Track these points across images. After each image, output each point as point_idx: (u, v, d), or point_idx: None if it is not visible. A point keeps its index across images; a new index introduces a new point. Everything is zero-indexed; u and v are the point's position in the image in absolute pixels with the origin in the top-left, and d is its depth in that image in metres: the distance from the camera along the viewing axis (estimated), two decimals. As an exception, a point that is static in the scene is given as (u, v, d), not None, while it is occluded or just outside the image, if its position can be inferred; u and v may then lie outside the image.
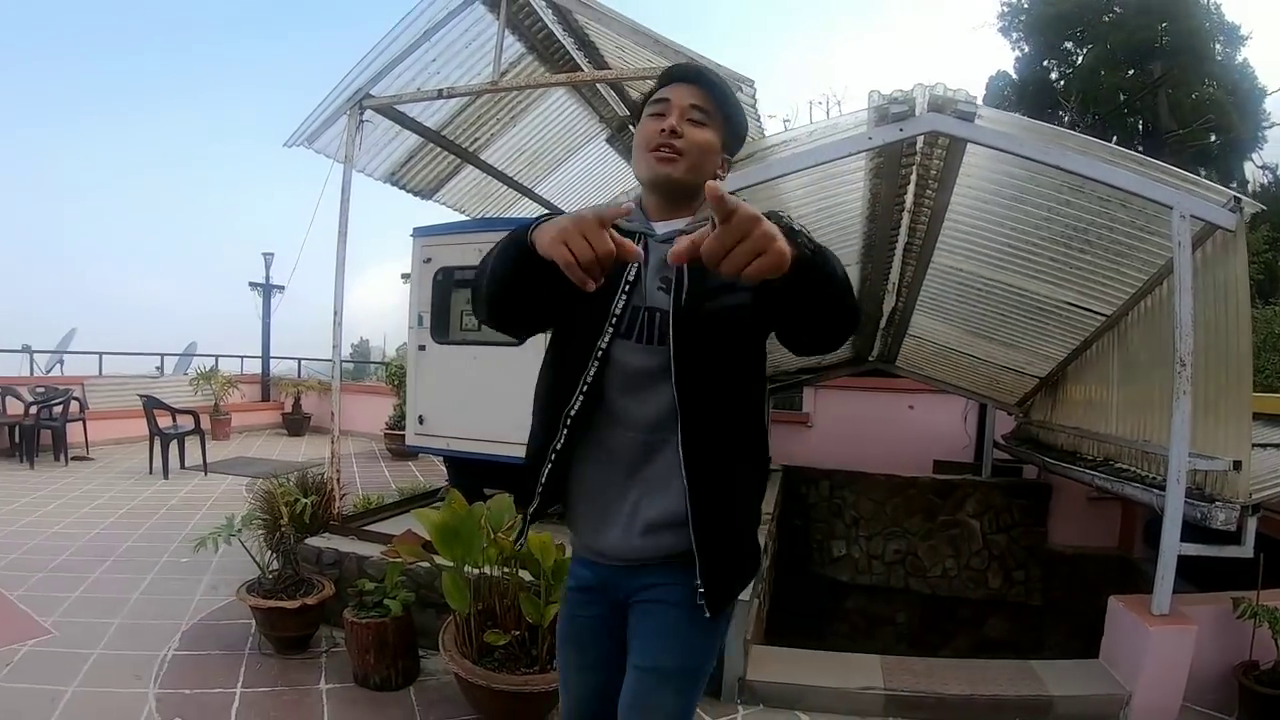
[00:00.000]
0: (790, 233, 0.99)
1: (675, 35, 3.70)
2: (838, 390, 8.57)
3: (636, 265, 1.25)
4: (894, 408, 8.50)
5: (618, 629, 1.34)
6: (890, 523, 7.28)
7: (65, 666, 3.20)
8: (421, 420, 4.50)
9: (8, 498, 6.34)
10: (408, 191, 5.74)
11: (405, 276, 5.80)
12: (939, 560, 7.14)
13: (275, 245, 13.70)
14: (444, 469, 5.40)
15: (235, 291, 12.66)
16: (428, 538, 2.82)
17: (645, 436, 1.26)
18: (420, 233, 4.72)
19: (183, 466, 7.50)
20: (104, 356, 11.41)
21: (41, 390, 8.66)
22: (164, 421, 7.46)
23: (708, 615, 1.22)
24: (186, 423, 7.60)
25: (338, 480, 4.01)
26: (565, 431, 1.28)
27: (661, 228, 1.30)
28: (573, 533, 1.38)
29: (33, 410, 8.02)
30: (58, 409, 8.17)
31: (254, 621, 3.45)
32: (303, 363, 12.65)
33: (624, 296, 1.26)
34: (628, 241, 1.04)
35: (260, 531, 3.40)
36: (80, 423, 8.54)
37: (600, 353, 1.26)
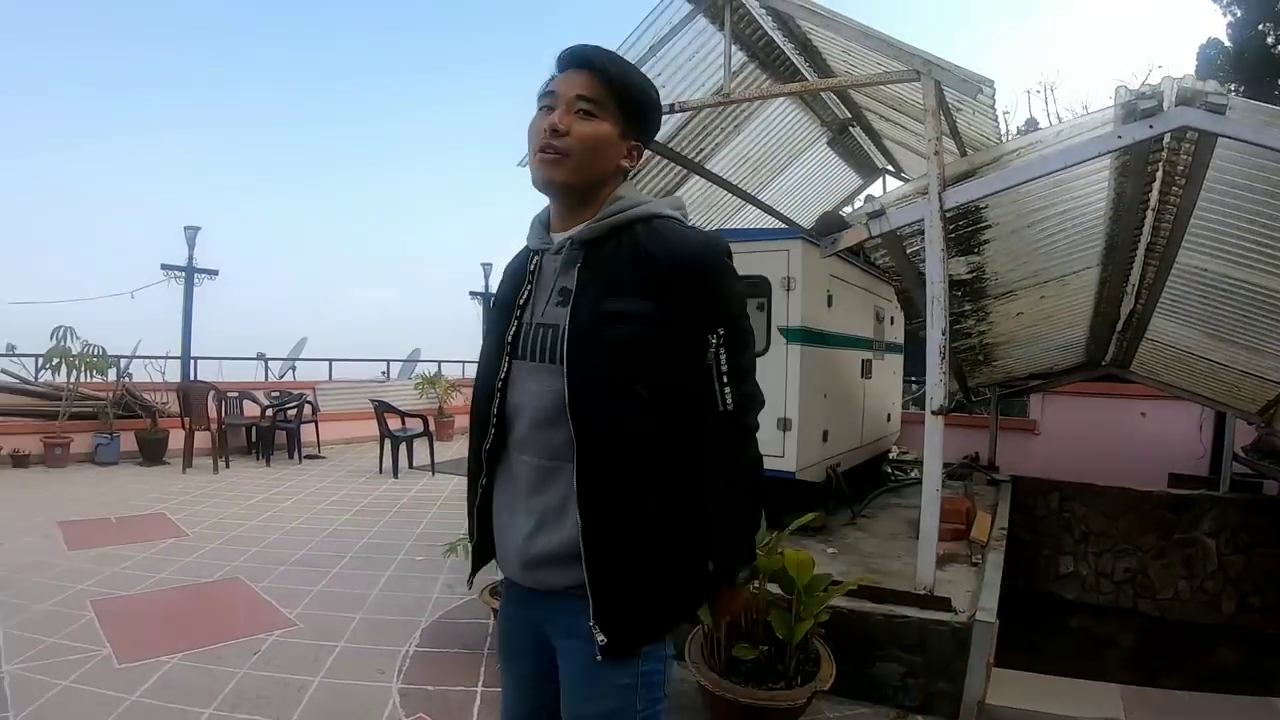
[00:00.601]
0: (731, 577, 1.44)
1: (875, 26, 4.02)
2: (1066, 396, 9.24)
3: (528, 286, 1.40)
4: (1125, 415, 9.04)
5: (543, 654, 1.46)
6: (1122, 539, 7.64)
7: (310, 658, 3.71)
8: None
9: (248, 493, 7.65)
10: None
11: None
12: (1171, 581, 7.48)
13: (495, 256, 15.94)
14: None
15: (456, 299, 14.33)
16: None
17: (542, 463, 1.35)
18: None
19: (410, 466, 8.70)
20: (333, 363, 13.75)
21: (277, 394, 10.67)
22: (393, 424, 8.73)
23: (598, 659, 1.31)
24: (415, 425, 8.85)
25: None
26: (486, 465, 1.45)
27: (560, 238, 1.41)
28: (471, 557, 1.56)
29: (269, 413, 9.85)
30: (292, 411, 9.96)
31: (493, 621, 3.83)
32: None
33: (515, 322, 1.40)
34: None
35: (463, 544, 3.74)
36: (313, 424, 10.32)
37: (500, 383, 1.40)
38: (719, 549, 1.41)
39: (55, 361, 9.11)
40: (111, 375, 9.83)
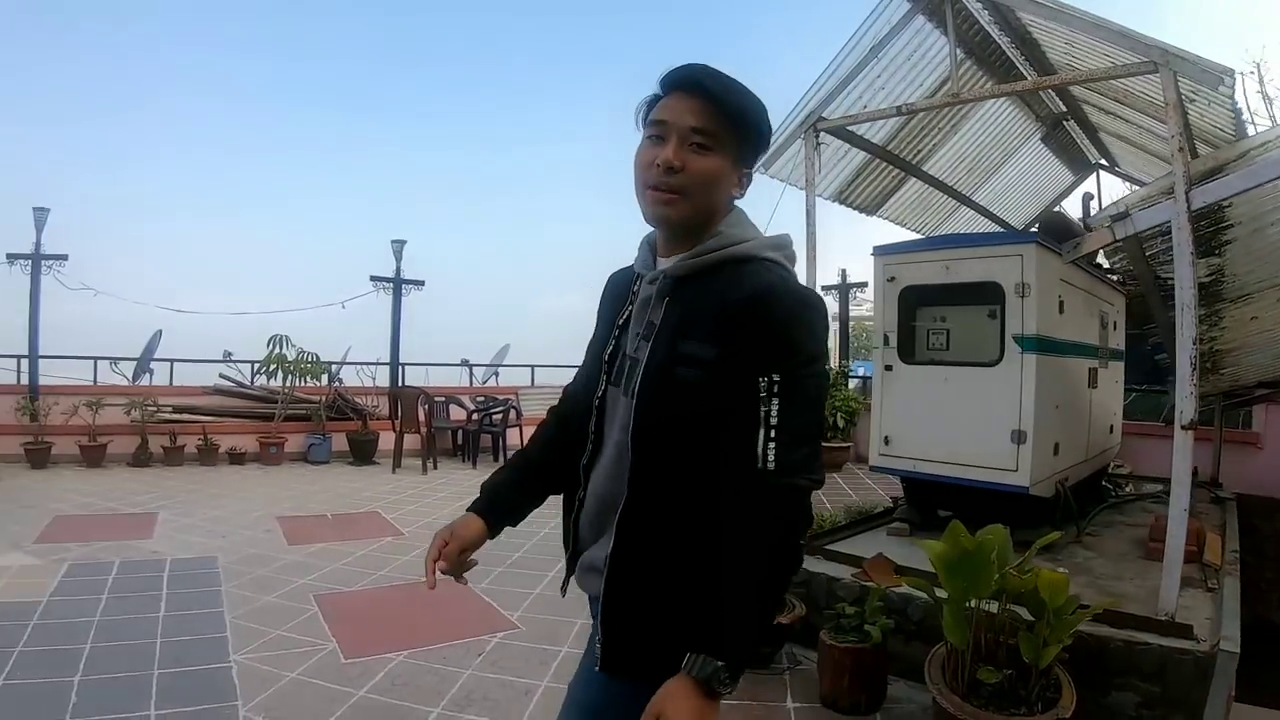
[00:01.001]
0: (712, 691, 1.27)
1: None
2: (1294, 404, 9.07)
3: (628, 308, 1.57)
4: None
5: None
6: (1362, 567, 7.20)
7: (535, 661, 4.07)
8: (887, 441, 5.40)
9: (457, 495, 8.55)
10: (854, 208, 7.38)
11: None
12: None
13: None
14: (870, 483, 7.13)
15: None
16: (897, 562, 4.04)
17: (609, 486, 1.52)
18: (882, 251, 5.61)
19: None
20: (535, 368, 15.10)
21: (482, 399, 11.99)
22: None
23: (596, 668, 1.49)
24: None
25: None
26: (585, 479, 1.60)
27: (662, 265, 1.53)
28: (568, 568, 1.71)
29: (475, 417, 11.14)
30: (497, 416, 11.16)
31: None
32: None
33: (613, 343, 1.57)
34: (430, 573, 1.66)
35: None
36: (517, 428, 11.41)
37: (598, 402, 1.56)
38: (704, 635, 1.30)
39: (271, 367, 10.78)
40: (324, 380, 11.53)
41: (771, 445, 1.33)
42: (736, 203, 1.54)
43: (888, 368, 5.47)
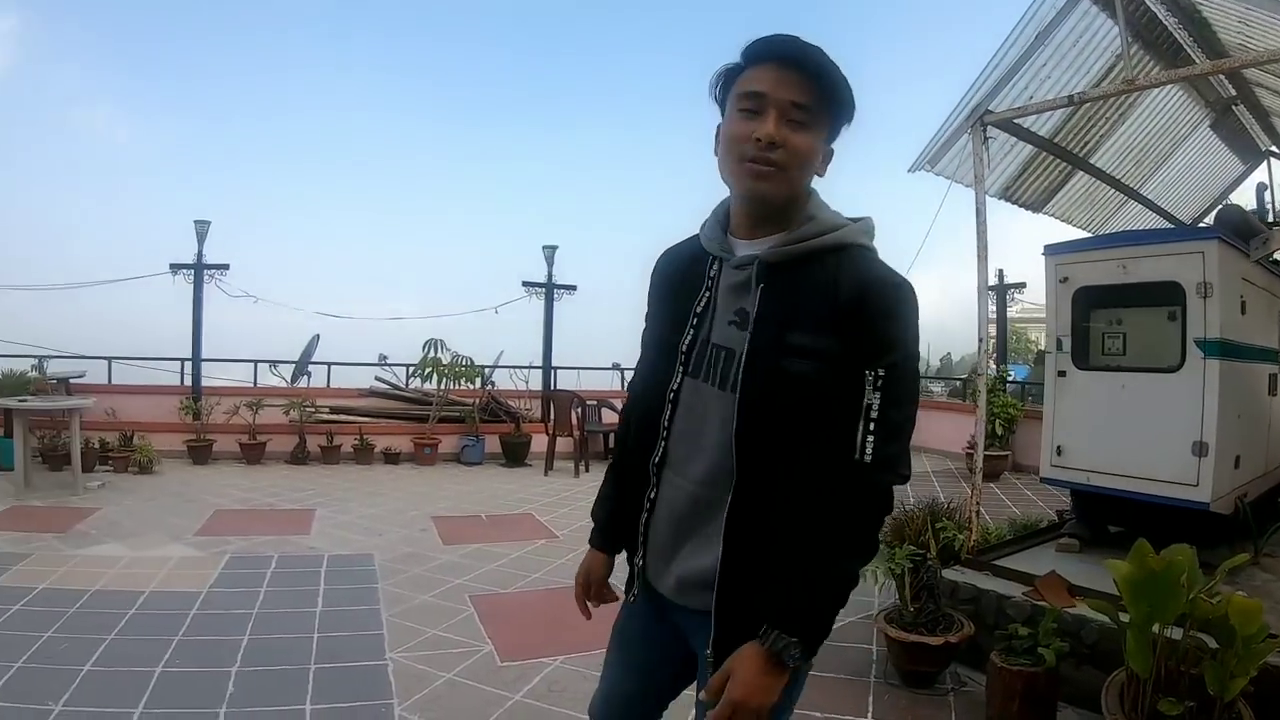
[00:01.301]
0: (780, 664, 1.33)
1: None
2: None
3: (707, 293, 1.50)
4: None
5: (665, 647, 1.68)
6: None
7: None
8: (1059, 451, 5.19)
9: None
10: (1019, 205, 7.14)
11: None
12: None
13: None
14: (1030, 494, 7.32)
15: None
16: (1070, 581, 3.90)
17: (700, 490, 1.48)
18: (1054, 250, 5.43)
19: None
20: None
21: None
22: None
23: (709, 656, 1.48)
24: None
25: (977, 511, 4.74)
26: (656, 479, 1.57)
27: (743, 248, 1.50)
28: (630, 575, 1.71)
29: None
30: None
31: (878, 648, 4.16)
32: None
33: (691, 331, 1.50)
34: (585, 610, 1.86)
35: (890, 564, 4.02)
36: None
37: (673, 394, 1.51)
38: (783, 610, 1.35)
39: (426, 370, 11.07)
40: (477, 383, 11.73)
41: (871, 438, 1.36)
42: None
43: (1060, 373, 5.30)
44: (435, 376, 10.97)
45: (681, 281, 1.57)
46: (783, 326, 1.40)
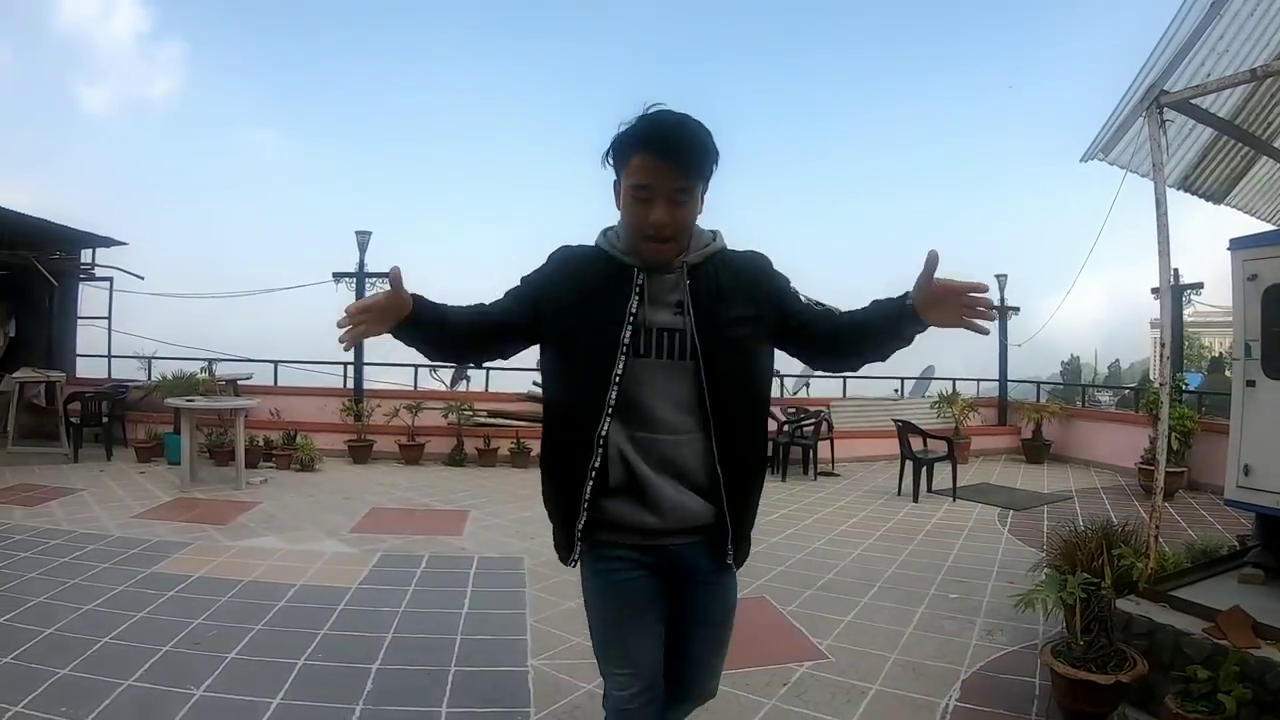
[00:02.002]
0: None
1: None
2: None
3: (637, 295, 1.87)
4: None
5: (664, 605, 2.04)
6: None
7: (843, 698, 3.75)
8: (1247, 471, 4.84)
9: (768, 508, 8.17)
10: (1199, 196, 6.63)
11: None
12: None
13: (1013, 265, 15.46)
14: (1206, 515, 7.26)
15: None
16: (1255, 618, 3.57)
17: (675, 438, 1.90)
18: (1241, 244, 5.08)
19: (929, 490, 9.23)
20: (847, 380, 14.47)
21: (793, 410, 11.80)
22: (915, 445, 9.43)
23: (735, 569, 2.09)
24: (938, 448, 9.50)
25: (1156, 535, 4.35)
26: (601, 450, 1.87)
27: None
28: (608, 530, 1.96)
29: (785, 428, 10.84)
30: (808, 428, 10.84)
31: (1041, 682, 3.92)
32: (1041, 386, 15.96)
33: (629, 326, 1.86)
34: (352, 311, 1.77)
35: (1062, 593, 3.83)
36: (829, 441, 11.32)
37: (617, 377, 1.85)
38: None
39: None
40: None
41: (818, 305, 1.99)
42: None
43: (1249, 383, 4.92)
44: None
45: (607, 287, 1.89)
46: (714, 306, 1.88)
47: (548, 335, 1.97)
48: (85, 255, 13.24)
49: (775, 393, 14.25)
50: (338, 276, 11.78)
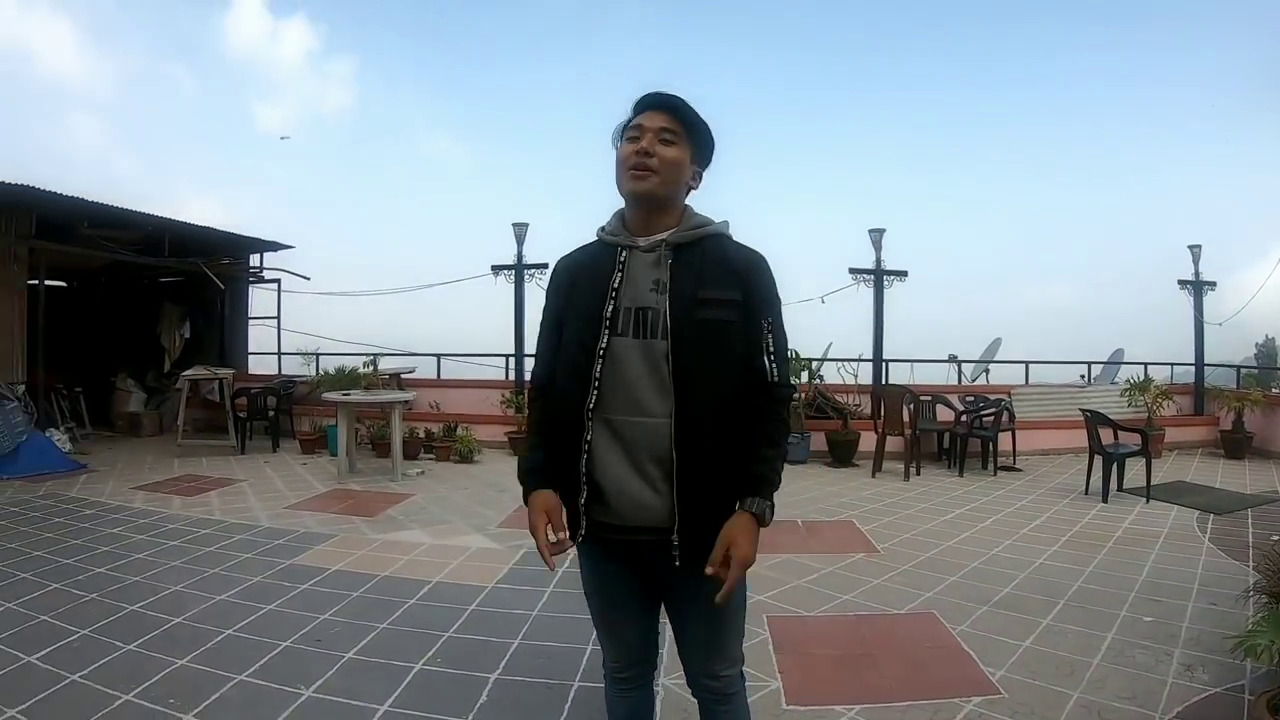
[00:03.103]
0: (762, 522, 1.92)
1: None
2: None
3: (619, 273, 2.00)
4: None
5: (643, 591, 2.13)
6: None
7: None
8: None
9: (941, 507, 7.59)
10: None
11: None
12: None
13: (1206, 238, 13.86)
14: None
15: (1161, 291, 13.92)
16: None
17: (643, 420, 1.94)
18: None
19: (1119, 489, 8.36)
20: (1029, 366, 13.74)
21: (971, 399, 10.94)
22: (1104, 437, 8.58)
23: (676, 564, 1.96)
24: (1130, 441, 8.64)
25: None
26: (590, 422, 1.96)
27: (644, 240, 2.05)
28: (587, 512, 2.02)
29: (963, 418, 10.05)
30: (988, 418, 10.04)
31: None
32: (1241, 371, 14.22)
33: (611, 302, 1.97)
34: (549, 558, 1.96)
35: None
36: (1009, 432, 10.48)
37: (601, 351, 1.95)
38: (752, 486, 1.93)
39: (772, 360, 10.53)
40: (803, 377, 11.24)
41: (773, 364, 1.99)
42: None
43: None
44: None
45: (593, 269, 2.04)
46: (694, 286, 1.95)
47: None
48: (255, 260, 14.14)
49: (952, 379, 13.73)
50: (496, 269, 11.92)
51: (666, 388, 1.91)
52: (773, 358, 1.98)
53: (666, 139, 1.99)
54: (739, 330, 1.98)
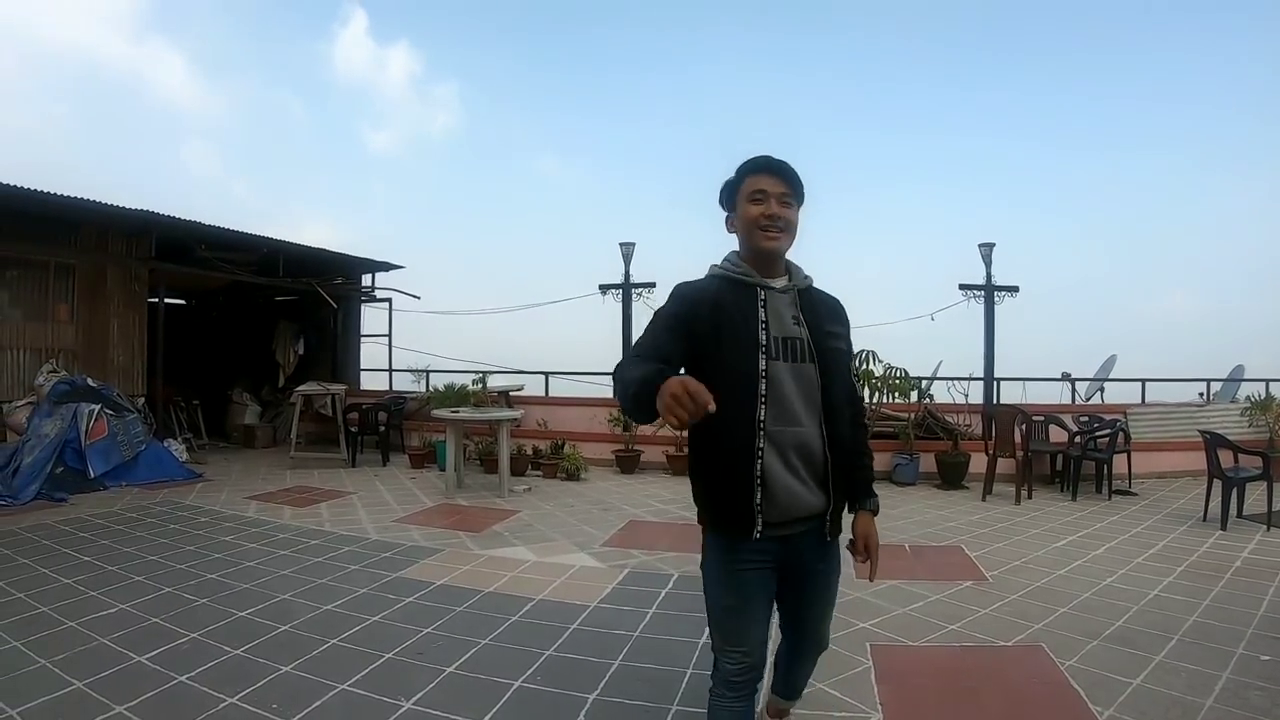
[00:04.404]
0: (876, 511, 2.58)
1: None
2: None
3: (762, 308, 2.36)
4: None
5: (776, 579, 2.44)
6: None
7: None
8: None
9: (1054, 533, 7.29)
10: None
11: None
12: None
13: None
14: None
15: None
16: None
17: (800, 430, 2.31)
18: None
19: (1239, 515, 8.04)
20: (1146, 383, 13.22)
21: (1085, 419, 10.57)
22: (1225, 461, 8.31)
23: (828, 538, 2.48)
24: (1252, 465, 8.31)
25: None
26: (761, 433, 2.29)
27: (774, 282, 2.45)
28: (749, 517, 2.31)
29: (1077, 439, 9.67)
30: (1102, 439, 9.65)
31: None
32: None
33: (764, 332, 2.33)
34: (705, 393, 1.86)
35: None
36: (1125, 454, 10.12)
37: (764, 371, 2.29)
38: (865, 489, 2.53)
39: (859, 383, 10.26)
40: (913, 396, 10.99)
41: (859, 384, 2.76)
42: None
43: None
44: (868, 389, 10.41)
45: (737, 304, 2.35)
46: (820, 322, 2.42)
47: (699, 354, 2.31)
48: (366, 280, 14.69)
49: (1065, 398, 13.31)
50: (604, 288, 12.13)
51: (815, 402, 2.34)
52: (857, 378, 2.52)
53: (787, 202, 2.38)
54: (848, 358, 2.53)
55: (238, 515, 7.38)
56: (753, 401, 2.28)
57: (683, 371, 2.30)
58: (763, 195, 2.38)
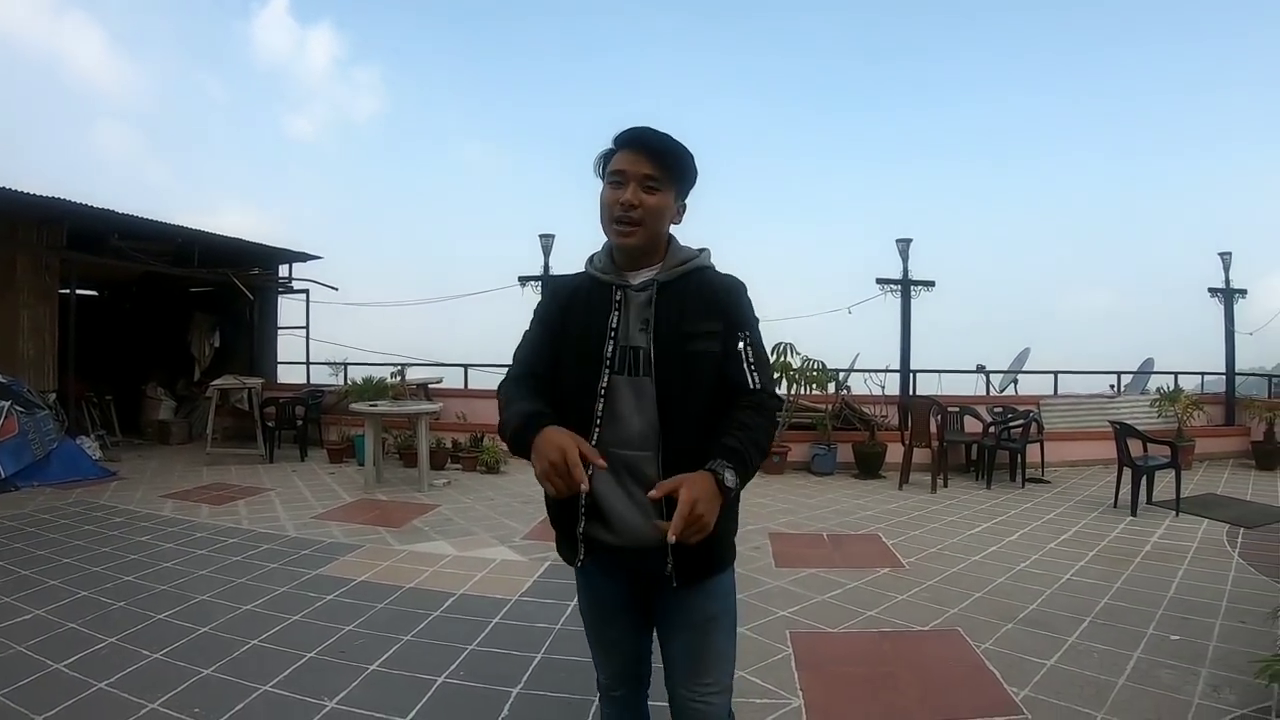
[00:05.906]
0: (723, 486, 1.82)
1: None
2: None
3: (617, 312, 2.05)
4: None
5: (637, 607, 2.18)
6: None
7: None
8: None
9: (968, 520, 7.53)
10: None
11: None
12: None
13: (1236, 244, 14.39)
14: None
15: (1190, 298, 14.06)
16: None
17: (637, 454, 2.00)
18: None
19: (1149, 501, 8.35)
20: (1058, 375, 13.81)
21: (999, 410, 10.95)
22: (1134, 450, 8.56)
23: (675, 585, 2.02)
24: (1160, 453, 8.63)
25: None
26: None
27: (635, 277, 2.10)
28: (588, 533, 2.07)
29: (991, 430, 10.01)
30: (1015, 429, 9.99)
31: None
32: (1273, 381, 13.98)
33: (611, 342, 2.03)
34: (580, 470, 1.74)
35: None
36: (1038, 444, 10.40)
37: (603, 389, 2.01)
38: (723, 453, 1.85)
39: (776, 375, 10.48)
40: (830, 388, 11.18)
41: (753, 372, 2.01)
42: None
43: None
44: (785, 381, 10.60)
45: (589, 307, 2.07)
46: (677, 322, 1.99)
47: (557, 359, 2.12)
48: (284, 271, 14.36)
49: (980, 389, 13.73)
50: (524, 280, 12.11)
51: (653, 422, 1.97)
52: (752, 367, 2.01)
53: (650, 186, 1.99)
54: (719, 359, 2.01)
55: (154, 514, 7.19)
56: (588, 421, 2.00)
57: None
58: (620, 178, 2.00)
